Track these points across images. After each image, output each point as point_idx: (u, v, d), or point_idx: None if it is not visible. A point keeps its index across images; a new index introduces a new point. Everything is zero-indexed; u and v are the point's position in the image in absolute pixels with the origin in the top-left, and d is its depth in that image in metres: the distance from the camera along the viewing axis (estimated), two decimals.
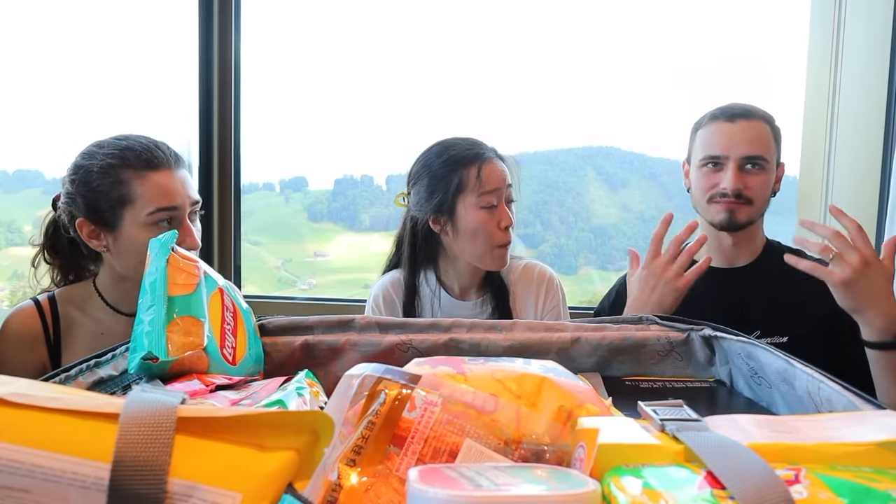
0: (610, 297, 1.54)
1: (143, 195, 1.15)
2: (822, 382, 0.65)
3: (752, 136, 1.33)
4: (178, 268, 0.80)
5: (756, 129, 1.34)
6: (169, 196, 1.17)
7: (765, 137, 1.35)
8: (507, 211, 1.39)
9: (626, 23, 2.10)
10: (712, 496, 0.38)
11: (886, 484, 0.38)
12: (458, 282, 1.47)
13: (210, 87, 1.98)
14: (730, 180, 1.32)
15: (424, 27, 2.22)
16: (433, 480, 0.40)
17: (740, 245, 1.41)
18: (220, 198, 2.03)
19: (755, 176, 1.33)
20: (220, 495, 0.37)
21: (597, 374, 0.92)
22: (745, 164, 1.33)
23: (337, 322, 0.98)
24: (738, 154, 1.33)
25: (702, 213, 1.41)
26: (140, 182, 1.15)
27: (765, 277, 1.39)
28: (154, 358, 0.71)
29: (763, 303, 1.36)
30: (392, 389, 0.54)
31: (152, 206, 1.15)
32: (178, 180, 1.19)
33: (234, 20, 1.99)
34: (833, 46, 1.78)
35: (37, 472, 0.36)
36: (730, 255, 1.42)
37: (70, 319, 1.24)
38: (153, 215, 1.16)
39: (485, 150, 1.39)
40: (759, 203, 1.36)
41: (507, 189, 1.39)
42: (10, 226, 2.41)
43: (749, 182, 1.33)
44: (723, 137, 1.35)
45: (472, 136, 1.44)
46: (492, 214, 1.36)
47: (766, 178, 1.34)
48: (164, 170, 1.17)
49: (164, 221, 1.17)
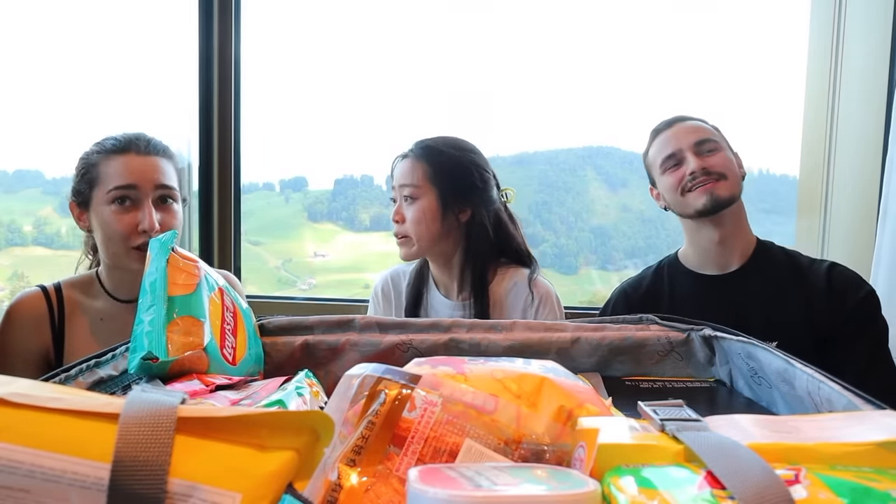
0: (606, 311, 1.52)
1: (107, 175, 1.22)
2: (822, 382, 0.65)
3: (694, 129, 1.41)
4: (178, 268, 0.80)
5: (694, 124, 1.43)
6: (125, 176, 1.21)
7: (705, 128, 1.42)
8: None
9: (626, 23, 2.10)
10: (712, 496, 0.38)
11: (886, 484, 0.38)
12: (440, 279, 1.49)
13: (210, 87, 1.98)
14: (693, 163, 1.37)
15: (424, 27, 2.22)
16: (433, 480, 0.39)
17: (728, 241, 1.39)
18: (220, 198, 2.03)
19: (713, 155, 1.37)
20: (220, 495, 0.37)
21: (597, 374, 0.92)
22: (700, 150, 1.38)
23: (337, 322, 0.98)
24: (690, 142, 1.39)
25: (683, 210, 1.40)
26: (106, 163, 1.22)
27: (757, 281, 1.38)
28: (154, 358, 0.71)
29: (756, 307, 1.35)
30: (392, 389, 0.54)
31: (112, 184, 1.21)
32: (143, 163, 1.22)
33: (234, 20, 1.99)
34: (833, 46, 1.78)
35: (37, 472, 0.36)
36: (720, 257, 1.40)
37: (74, 305, 1.28)
38: (110, 193, 1.21)
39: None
40: (732, 177, 1.37)
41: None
42: (10, 226, 2.40)
43: (711, 161, 1.37)
44: (671, 138, 1.42)
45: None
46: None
47: (724, 154, 1.38)
48: (131, 153, 1.23)
49: (123, 201, 1.21)
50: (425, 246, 1.41)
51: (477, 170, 1.42)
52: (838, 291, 1.31)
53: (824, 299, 1.31)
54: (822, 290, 1.31)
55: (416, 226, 1.39)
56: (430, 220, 1.39)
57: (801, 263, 1.38)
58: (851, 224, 1.77)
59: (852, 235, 1.77)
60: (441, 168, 1.40)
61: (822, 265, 1.36)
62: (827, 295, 1.31)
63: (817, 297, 1.31)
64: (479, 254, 1.42)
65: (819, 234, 1.82)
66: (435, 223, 1.39)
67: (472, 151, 1.45)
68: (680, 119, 1.45)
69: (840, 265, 1.36)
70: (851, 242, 1.77)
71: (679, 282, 1.45)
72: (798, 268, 1.37)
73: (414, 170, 1.40)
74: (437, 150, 1.41)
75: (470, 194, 1.41)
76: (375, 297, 1.56)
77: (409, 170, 1.40)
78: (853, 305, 1.29)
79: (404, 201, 1.41)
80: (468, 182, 1.41)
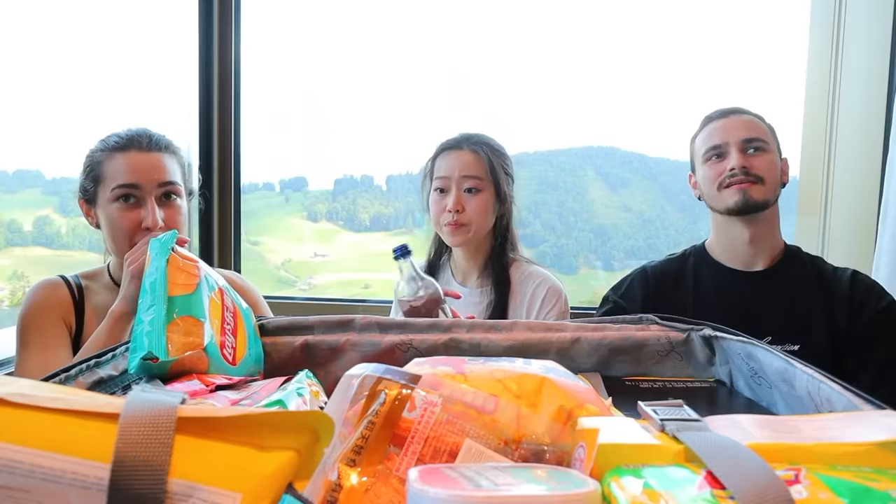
0: (620, 288, 1.51)
1: (110, 173, 1.22)
2: (821, 382, 0.65)
3: (747, 124, 1.39)
4: (179, 268, 0.80)
5: (749, 119, 1.40)
6: (128, 174, 1.22)
7: (759, 125, 1.40)
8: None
9: (625, 23, 2.10)
10: (712, 496, 0.38)
11: (886, 484, 0.38)
12: (459, 268, 1.57)
13: (210, 87, 1.98)
14: (735, 159, 1.36)
15: (424, 27, 2.22)
16: (433, 480, 0.39)
17: (757, 242, 1.39)
18: (220, 198, 2.03)
19: (759, 156, 1.36)
20: (220, 495, 0.37)
21: (597, 374, 0.92)
22: (746, 147, 1.36)
23: (337, 322, 0.98)
24: (738, 138, 1.37)
25: (716, 205, 1.40)
26: (109, 161, 1.23)
27: (782, 284, 1.37)
28: (154, 358, 0.71)
29: (778, 310, 1.35)
30: (392, 389, 0.54)
31: (115, 183, 1.22)
32: (145, 160, 1.23)
33: (234, 20, 1.99)
34: (833, 46, 1.78)
35: (37, 472, 0.36)
36: (747, 255, 1.40)
37: (90, 293, 1.31)
38: (114, 192, 1.22)
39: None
40: (771, 182, 1.36)
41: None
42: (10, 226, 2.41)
43: (754, 162, 1.36)
44: (720, 129, 1.40)
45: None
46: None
47: (770, 157, 1.37)
48: (134, 151, 1.23)
49: (127, 199, 1.22)
50: (480, 235, 1.50)
51: (511, 169, 1.53)
52: (860, 301, 1.32)
53: (846, 307, 1.32)
54: (845, 299, 1.33)
55: (480, 216, 1.47)
56: (490, 212, 1.49)
57: (825, 270, 1.39)
58: (851, 224, 1.77)
59: (852, 235, 1.77)
60: (495, 164, 1.48)
61: (845, 273, 1.37)
62: (849, 303, 1.32)
63: (839, 305, 1.33)
64: (502, 246, 1.52)
65: (819, 234, 1.82)
66: (491, 215, 1.49)
67: (506, 150, 1.55)
68: (736, 111, 1.43)
69: (861, 274, 1.38)
70: (851, 242, 1.77)
71: (704, 272, 1.45)
72: (821, 275, 1.38)
73: (478, 162, 1.47)
74: (489, 146, 1.49)
75: (507, 191, 1.51)
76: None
77: (473, 162, 1.47)
78: (874, 314, 1.31)
79: (466, 192, 1.47)
80: (508, 180, 1.52)
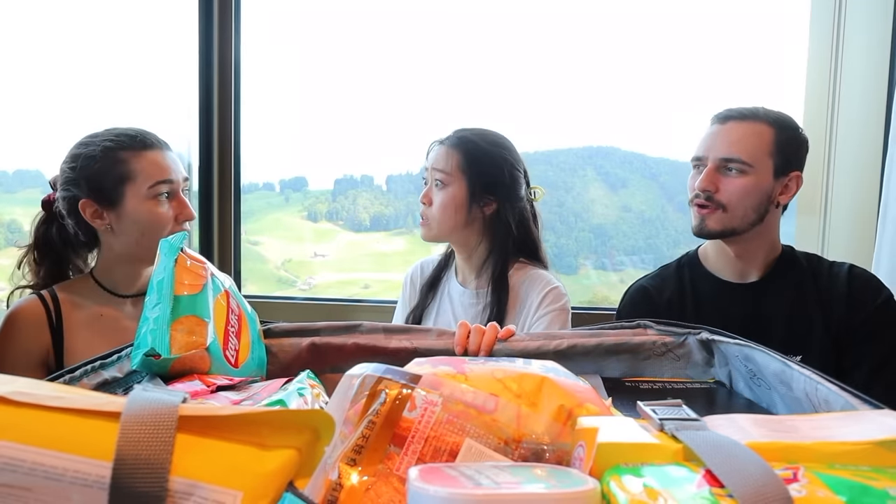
0: (624, 312, 1.43)
1: (143, 171, 1.25)
2: (819, 383, 0.66)
3: (735, 138, 1.25)
4: (186, 268, 0.80)
5: (744, 130, 1.26)
6: (165, 170, 1.26)
7: (751, 140, 1.25)
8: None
9: (626, 23, 2.10)
10: (711, 494, 0.38)
11: (884, 482, 0.38)
12: (461, 267, 1.55)
13: (210, 87, 1.98)
14: (700, 180, 1.27)
15: (424, 27, 2.22)
16: (433, 479, 0.40)
17: (745, 258, 1.33)
18: (220, 198, 2.03)
19: (732, 179, 1.25)
20: (221, 493, 0.37)
21: (596, 376, 0.93)
22: (721, 166, 1.26)
23: (343, 327, 0.98)
24: (716, 155, 1.26)
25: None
26: (137, 160, 1.25)
27: (778, 291, 1.32)
28: (156, 354, 0.72)
29: (779, 325, 1.31)
30: (392, 389, 0.54)
31: (153, 180, 1.25)
32: (169, 158, 1.29)
33: (234, 20, 1.99)
34: (833, 46, 1.78)
35: (39, 470, 0.37)
36: (737, 268, 1.35)
37: (70, 306, 1.30)
38: (154, 188, 1.25)
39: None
40: (737, 210, 1.25)
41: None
42: (10, 226, 2.41)
43: (725, 185, 1.25)
44: (708, 139, 1.30)
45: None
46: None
47: (745, 182, 1.25)
48: (157, 149, 1.28)
49: (165, 194, 1.26)
50: (444, 231, 1.46)
51: (507, 166, 1.46)
52: (858, 297, 1.29)
53: (844, 304, 1.29)
54: (842, 295, 1.29)
55: (440, 211, 1.44)
56: (455, 208, 1.44)
57: (822, 268, 1.34)
58: (851, 224, 1.77)
59: (852, 235, 1.77)
60: (473, 160, 1.44)
61: (842, 268, 1.33)
62: (847, 299, 1.29)
63: (836, 302, 1.29)
64: (502, 248, 1.46)
65: (819, 234, 1.82)
66: (459, 212, 1.44)
67: (506, 148, 1.48)
68: (740, 116, 1.27)
69: (859, 268, 1.33)
70: (851, 242, 1.77)
71: (701, 287, 1.39)
72: (818, 273, 1.33)
73: (448, 157, 1.44)
74: (472, 141, 1.45)
75: (497, 189, 1.45)
76: (405, 282, 1.65)
77: (443, 156, 1.44)
78: (872, 309, 1.28)
79: (435, 186, 1.46)
80: (497, 177, 1.44)
